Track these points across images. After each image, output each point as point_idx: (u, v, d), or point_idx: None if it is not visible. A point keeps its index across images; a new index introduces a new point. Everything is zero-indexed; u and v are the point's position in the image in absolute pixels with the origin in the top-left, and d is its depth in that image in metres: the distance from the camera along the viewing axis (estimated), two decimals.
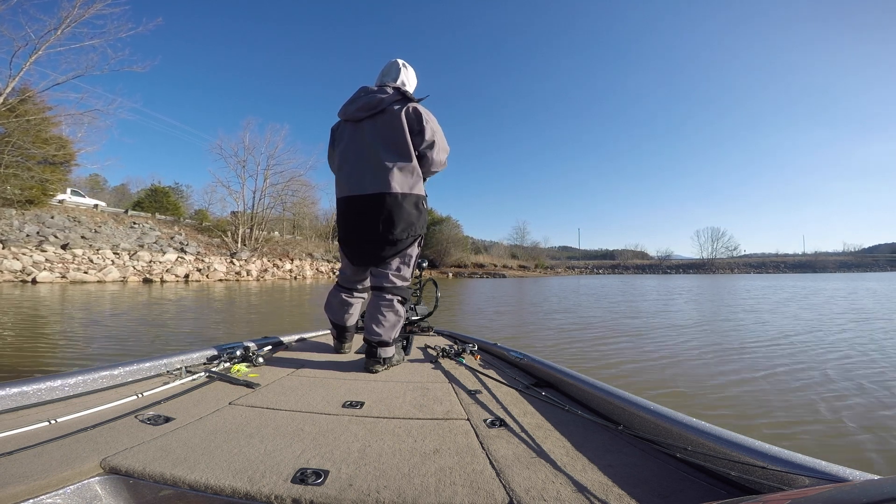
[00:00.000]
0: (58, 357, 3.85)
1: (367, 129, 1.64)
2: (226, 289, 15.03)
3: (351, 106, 1.67)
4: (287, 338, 2.03)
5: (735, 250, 76.35)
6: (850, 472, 0.61)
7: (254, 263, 24.48)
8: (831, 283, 22.86)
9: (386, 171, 1.58)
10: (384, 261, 1.65)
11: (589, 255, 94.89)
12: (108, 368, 1.23)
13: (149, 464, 0.73)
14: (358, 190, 1.63)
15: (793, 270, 65.99)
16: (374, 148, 1.61)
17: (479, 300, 12.34)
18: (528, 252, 67.12)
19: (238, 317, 7.41)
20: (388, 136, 1.61)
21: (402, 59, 1.82)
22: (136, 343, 4.60)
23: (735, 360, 3.94)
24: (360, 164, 1.65)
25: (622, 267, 72.82)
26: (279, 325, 6.36)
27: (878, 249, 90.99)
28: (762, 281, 29.53)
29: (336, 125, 1.81)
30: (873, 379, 3.27)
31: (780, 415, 2.53)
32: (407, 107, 1.62)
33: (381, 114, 1.63)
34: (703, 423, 0.82)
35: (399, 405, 1.14)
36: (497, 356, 1.87)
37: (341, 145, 1.73)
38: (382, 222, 1.59)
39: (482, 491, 0.69)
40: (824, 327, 6.08)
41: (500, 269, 50.81)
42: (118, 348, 4.28)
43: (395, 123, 1.60)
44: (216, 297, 11.46)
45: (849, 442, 2.16)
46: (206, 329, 5.78)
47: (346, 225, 1.70)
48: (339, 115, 1.74)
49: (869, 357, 4.07)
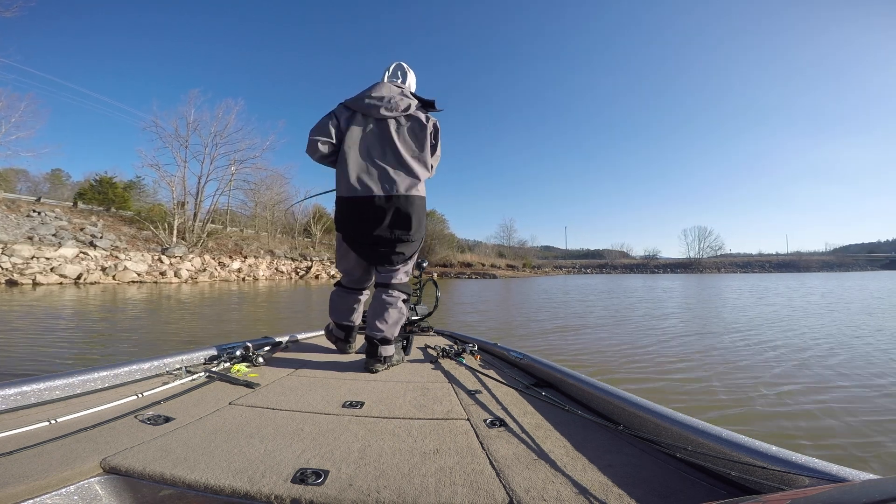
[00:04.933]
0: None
1: (392, 128, 1.62)
2: (111, 296, 10.31)
3: (376, 101, 1.61)
4: (287, 338, 1.99)
5: (720, 250, 75.83)
6: (850, 472, 0.61)
7: (189, 261, 19.49)
8: (837, 283, 20.84)
9: (409, 174, 1.61)
10: (403, 260, 1.66)
11: (572, 255, 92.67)
12: (108, 368, 1.21)
13: (149, 464, 0.72)
14: (382, 190, 1.58)
15: (777, 270, 65.80)
16: (399, 150, 1.61)
17: (490, 313, 8.16)
18: (515, 251, 64.14)
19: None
20: (414, 141, 1.64)
21: (404, 62, 1.83)
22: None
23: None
24: (387, 164, 1.60)
25: (610, 266, 71.20)
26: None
27: (850, 249, 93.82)
28: (758, 281, 27.35)
29: (341, 112, 1.66)
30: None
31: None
32: (432, 119, 1.69)
33: (407, 117, 1.64)
34: (703, 423, 0.81)
35: (399, 405, 1.13)
36: (497, 356, 1.86)
37: (354, 138, 1.61)
38: (403, 223, 1.59)
39: (482, 491, 0.68)
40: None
41: (489, 268, 46.90)
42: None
43: (422, 132, 1.65)
44: (54, 310, 6.92)
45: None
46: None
47: (362, 225, 1.60)
48: (355, 105, 1.65)
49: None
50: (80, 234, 18.20)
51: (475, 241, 69.02)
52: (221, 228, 27.22)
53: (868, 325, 6.33)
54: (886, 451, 2.09)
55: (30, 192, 24.92)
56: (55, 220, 18.39)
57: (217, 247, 24.03)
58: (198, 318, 6.96)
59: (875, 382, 3.28)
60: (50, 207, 19.65)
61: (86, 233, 18.55)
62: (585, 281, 29.74)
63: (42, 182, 33.05)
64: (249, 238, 28.06)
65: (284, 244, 30.73)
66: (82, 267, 14.83)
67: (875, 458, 2.03)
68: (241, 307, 9.13)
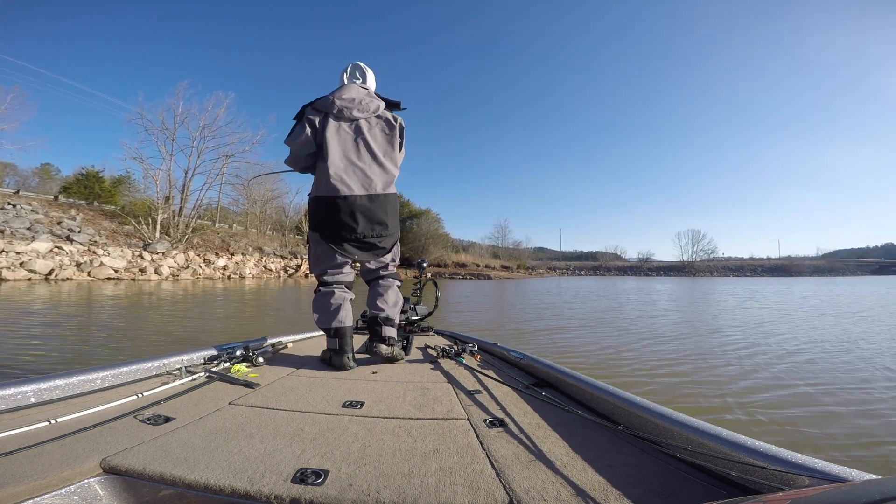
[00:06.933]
0: None
1: (364, 129, 1.69)
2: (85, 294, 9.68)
3: (347, 103, 1.66)
4: (287, 338, 2.01)
5: (713, 253, 76.07)
6: (850, 471, 0.61)
7: (172, 258, 18.77)
8: (846, 289, 20.30)
9: (385, 173, 1.70)
10: (384, 253, 1.76)
11: (566, 257, 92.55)
12: (108, 368, 1.20)
13: (149, 464, 0.72)
14: (362, 189, 1.64)
15: (769, 274, 66.13)
16: (375, 150, 1.69)
17: (507, 321, 7.69)
18: (510, 252, 63.81)
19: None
20: (385, 140, 1.73)
21: (361, 62, 1.87)
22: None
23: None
24: (363, 163, 1.67)
25: (604, 269, 71.14)
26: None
27: (839, 254, 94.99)
28: (753, 285, 27.04)
29: (312, 116, 1.68)
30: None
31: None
32: (399, 119, 1.78)
33: (377, 118, 1.72)
34: (704, 423, 0.81)
35: (399, 405, 1.13)
36: (497, 356, 1.86)
37: (330, 140, 1.65)
38: (383, 219, 1.67)
39: (482, 491, 0.68)
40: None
41: (484, 269, 46.51)
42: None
43: (392, 132, 1.74)
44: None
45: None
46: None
47: (344, 223, 1.64)
48: (325, 107, 1.67)
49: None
50: (56, 227, 17.45)
51: (469, 241, 68.55)
52: (209, 224, 26.44)
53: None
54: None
55: (18, 186, 24.01)
56: (31, 214, 17.61)
57: (203, 243, 23.35)
58: (145, 331, 5.47)
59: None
60: (27, 200, 18.88)
61: (63, 227, 17.81)
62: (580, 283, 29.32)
63: (31, 176, 32.56)
64: (238, 235, 27.33)
65: (274, 241, 30.05)
66: (55, 262, 14.14)
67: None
68: (203, 314, 7.85)
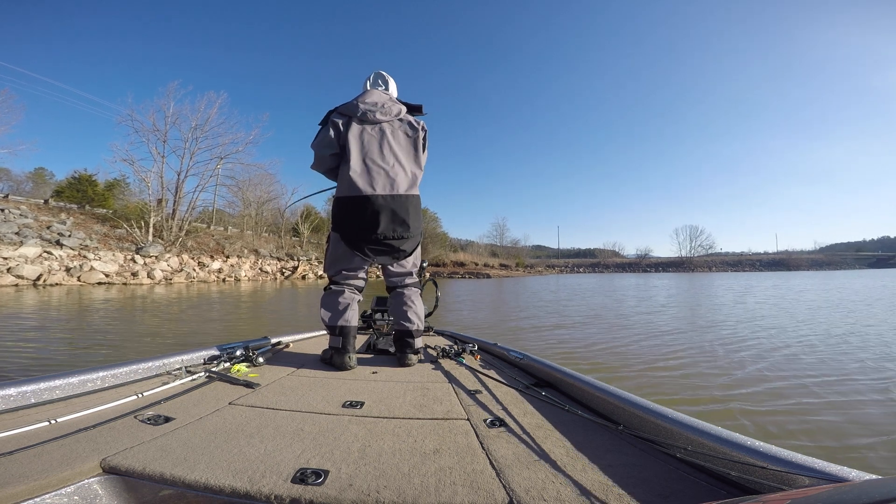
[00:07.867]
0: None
1: (387, 132, 1.73)
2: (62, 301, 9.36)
3: (370, 106, 1.71)
4: (287, 338, 2.01)
5: (711, 248, 76.09)
6: (850, 471, 0.61)
7: (166, 261, 18.42)
8: (864, 283, 20.27)
9: (407, 174, 1.71)
10: (405, 256, 1.74)
11: (565, 254, 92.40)
12: (108, 368, 1.20)
13: (149, 464, 0.72)
14: (384, 190, 1.65)
15: (768, 269, 66.26)
16: (398, 152, 1.72)
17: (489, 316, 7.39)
18: (508, 251, 63.73)
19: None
20: (408, 143, 1.77)
21: (383, 71, 1.95)
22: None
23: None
24: (386, 164, 1.69)
25: (602, 266, 71.22)
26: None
27: (837, 248, 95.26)
28: (753, 280, 26.86)
29: (336, 120, 1.73)
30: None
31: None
32: (422, 122, 1.83)
33: (399, 121, 1.78)
34: (704, 423, 0.81)
35: (399, 405, 1.13)
36: (497, 356, 1.86)
37: (353, 142, 1.69)
38: (405, 220, 1.66)
39: (482, 491, 0.68)
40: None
41: (482, 267, 46.27)
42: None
43: (414, 134, 1.78)
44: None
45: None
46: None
47: (366, 223, 1.64)
48: (349, 111, 1.73)
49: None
50: (45, 232, 17.07)
51: (467, 240, 68.55)
52: (204, 227, 26.05)
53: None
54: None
55: (10, 190, 23.62)
56: (20, 218, 17.21)
57: (197, 246, 22.99)
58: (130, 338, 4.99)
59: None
60: (15, 204, 18.47)
61: (53, 231, 17.43)
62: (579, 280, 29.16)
63: (25, 181, 32.19)
64: (233, 237, 26.97)
65: (270, 243, 29.70)
66: (43, 267, 13.80)
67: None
68: (197, 315, 8.02)
